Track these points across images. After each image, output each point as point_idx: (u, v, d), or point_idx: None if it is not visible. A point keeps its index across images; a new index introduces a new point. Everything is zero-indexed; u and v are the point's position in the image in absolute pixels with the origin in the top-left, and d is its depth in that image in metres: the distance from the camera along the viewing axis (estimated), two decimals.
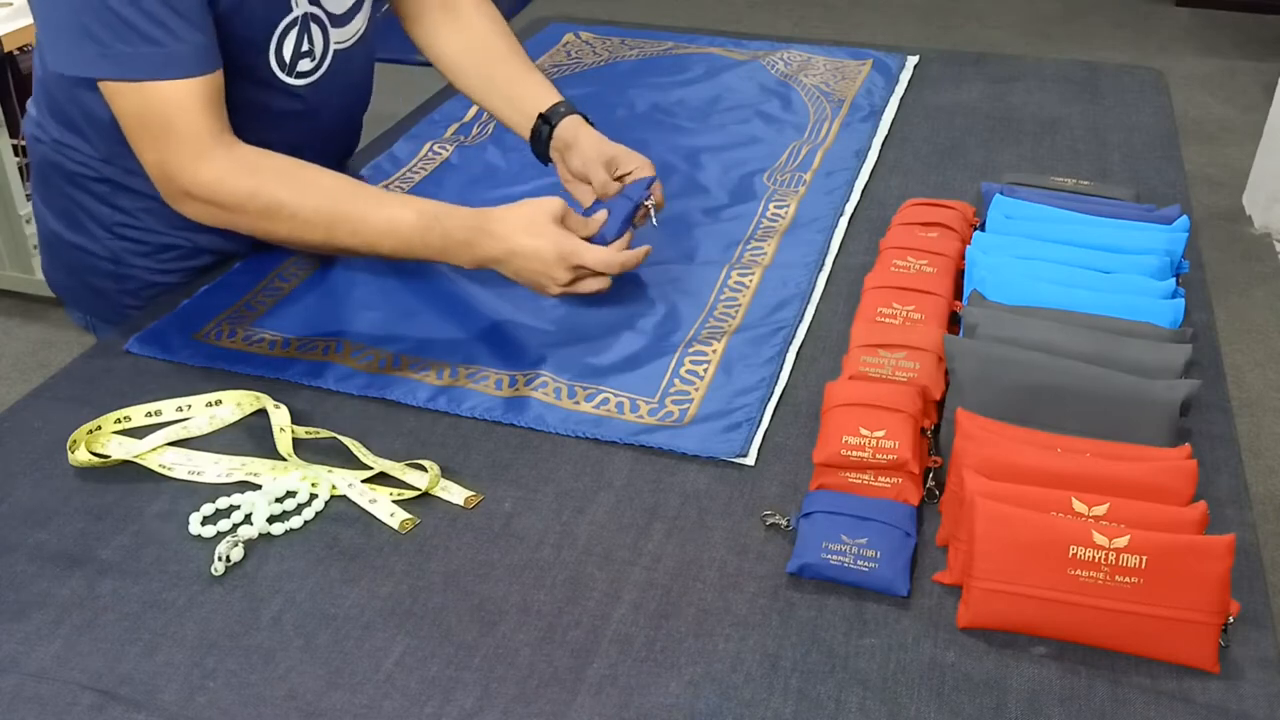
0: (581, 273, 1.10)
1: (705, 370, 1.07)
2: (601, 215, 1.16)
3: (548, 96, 1.29)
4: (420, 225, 1.08)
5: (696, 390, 1.04)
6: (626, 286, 1.19)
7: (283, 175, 1.07)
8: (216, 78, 1.05)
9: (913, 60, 1.84)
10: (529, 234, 1.08)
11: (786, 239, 1.30)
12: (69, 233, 1.24)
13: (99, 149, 1.17)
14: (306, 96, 1.20)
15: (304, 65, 1.17)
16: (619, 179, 1.23)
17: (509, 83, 1.31)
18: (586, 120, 1.28)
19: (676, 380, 1.05)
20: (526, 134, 1.30)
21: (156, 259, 1.23)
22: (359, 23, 1.24)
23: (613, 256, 1.11)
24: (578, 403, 1.02)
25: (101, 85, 1.04)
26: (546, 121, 1.27)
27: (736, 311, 1.16)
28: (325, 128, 1.28)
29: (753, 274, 1.22)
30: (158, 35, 1.00)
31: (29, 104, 1.23)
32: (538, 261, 1.09)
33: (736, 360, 1.08)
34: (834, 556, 0.83)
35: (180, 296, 1.18)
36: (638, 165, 1.23)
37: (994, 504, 0.79)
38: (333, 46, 1.20)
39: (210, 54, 1.04)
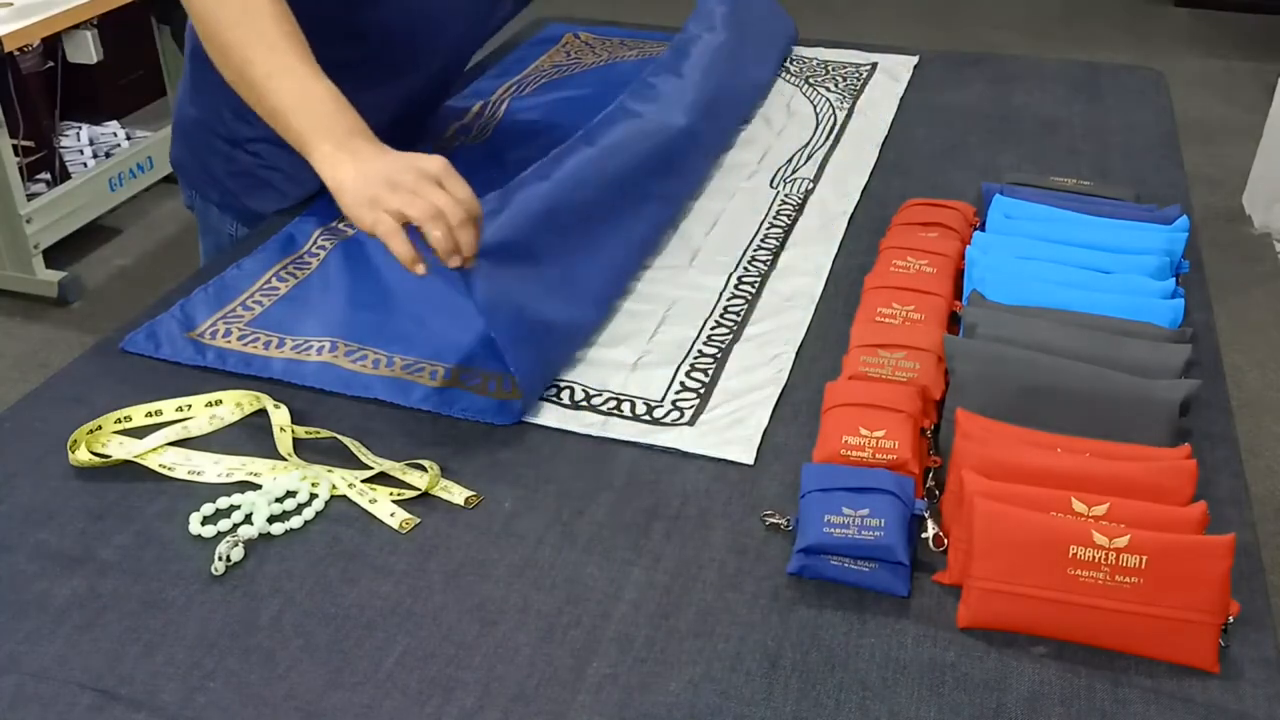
0: (426, 188, 0.95)
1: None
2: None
3: None
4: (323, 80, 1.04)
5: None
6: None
7: None
8: None
9: (913, 61, 1.84)
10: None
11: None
12: (196, 110, 1.35)
13: None
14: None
15: None
16: None
17: None
18: None
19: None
20: None
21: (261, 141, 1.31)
22: None
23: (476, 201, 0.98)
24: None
25: None
26: None
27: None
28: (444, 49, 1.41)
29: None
30: None
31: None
32: (389, 164, 0.98)
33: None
34: (837, 530, 0.82)
35: (177, 294, 1.18)
36: None
37: (993, 504, 0.79)
38: None
39: None
